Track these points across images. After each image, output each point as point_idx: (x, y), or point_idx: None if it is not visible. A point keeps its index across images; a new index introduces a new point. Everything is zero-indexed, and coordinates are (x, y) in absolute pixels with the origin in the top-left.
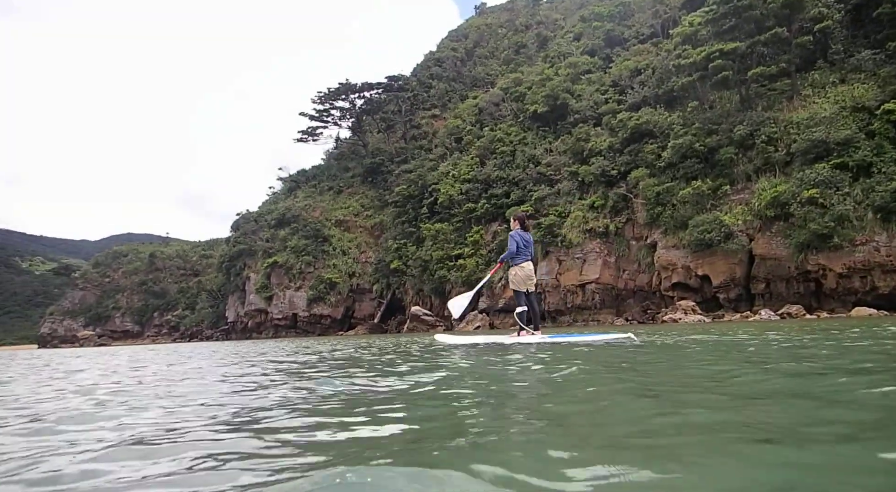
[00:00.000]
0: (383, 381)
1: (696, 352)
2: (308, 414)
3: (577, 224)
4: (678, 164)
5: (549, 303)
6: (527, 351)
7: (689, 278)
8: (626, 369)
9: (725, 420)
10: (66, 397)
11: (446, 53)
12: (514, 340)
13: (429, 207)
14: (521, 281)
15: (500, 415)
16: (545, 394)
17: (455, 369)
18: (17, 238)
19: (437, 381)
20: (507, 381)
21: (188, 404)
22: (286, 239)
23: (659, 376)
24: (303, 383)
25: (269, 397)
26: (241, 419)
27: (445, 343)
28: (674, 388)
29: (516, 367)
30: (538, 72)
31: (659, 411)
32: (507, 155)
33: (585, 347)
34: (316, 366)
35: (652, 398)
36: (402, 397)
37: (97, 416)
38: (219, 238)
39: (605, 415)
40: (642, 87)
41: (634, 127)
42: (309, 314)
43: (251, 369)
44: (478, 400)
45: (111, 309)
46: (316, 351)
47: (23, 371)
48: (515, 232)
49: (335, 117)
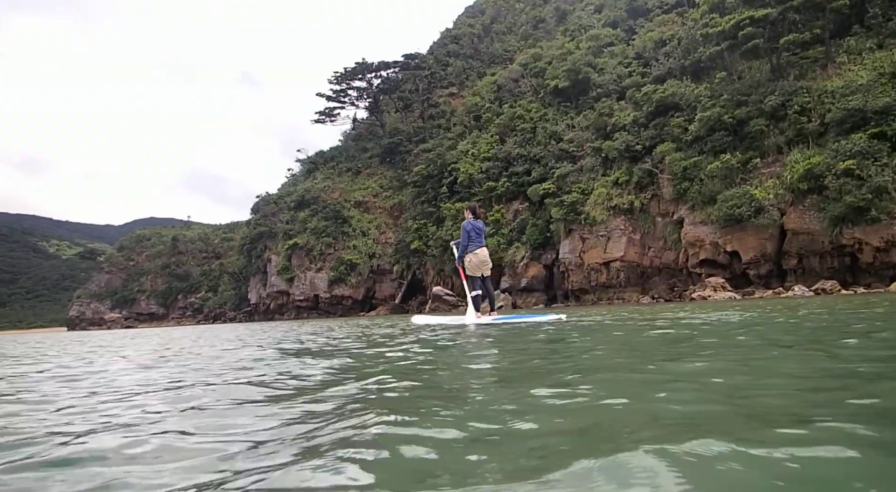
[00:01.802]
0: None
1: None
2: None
3: (601, 201)
4: (706, 137)
5: (572, 281)
6: (465, 332)
7: (717, 255)
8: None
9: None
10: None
11: (463, 30)
12: (472, 320)
13: (448, 186)
14: (476, 267)
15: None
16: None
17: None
18: (44, 223)
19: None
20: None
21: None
22: (306, 221)
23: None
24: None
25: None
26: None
27: (418, 324)
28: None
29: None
30: (558, 46)
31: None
32: (527, 132)
33: (511, 329)
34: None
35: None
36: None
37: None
38: (239, 221)
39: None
40: (667, 59)
41: (660, 100)
42: (330, 296)
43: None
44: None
45: (136, 292)
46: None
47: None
48: (467, 222)
49: (352, 97)
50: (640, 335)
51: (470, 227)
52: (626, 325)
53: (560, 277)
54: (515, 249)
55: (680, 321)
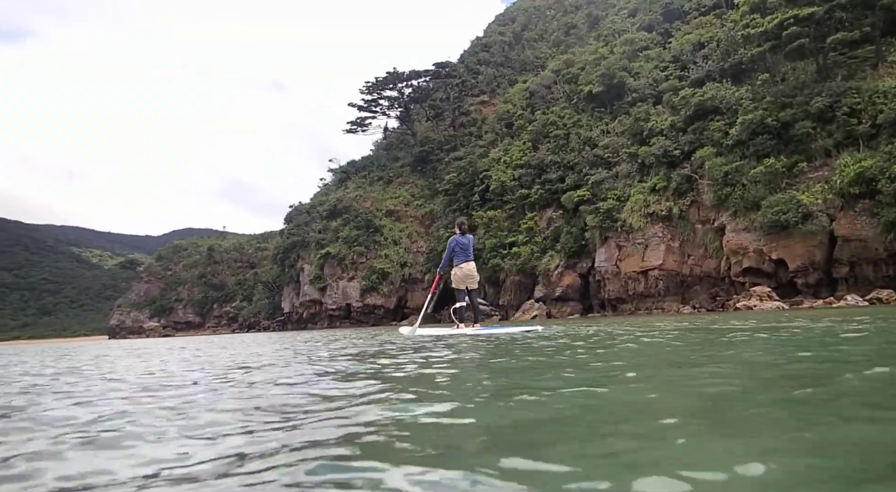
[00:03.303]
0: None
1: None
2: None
3: (638, 208)
4: (748, 141)
5: (608, 291)
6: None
7: (762, 263)
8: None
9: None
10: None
11: (494, 38)
12: (452, 331)
13: (480, 194)
14: (460, 280)
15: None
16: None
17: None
18: (87, 234)
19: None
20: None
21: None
22: (338, 230)
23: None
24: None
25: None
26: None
27: (404, 335)
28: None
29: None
30: (591, 51)
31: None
32: (560, 138)
33: (488, 341)
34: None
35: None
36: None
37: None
38: (273, 230)
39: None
40: (706, 62)
41: (698, 104)
42: (362, 305)
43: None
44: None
45: (174, 301)
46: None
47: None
48: (453, 238)
49: (383, 107)
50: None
51: (454, 243)
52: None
53: (596, 286)
54: (549, 258)
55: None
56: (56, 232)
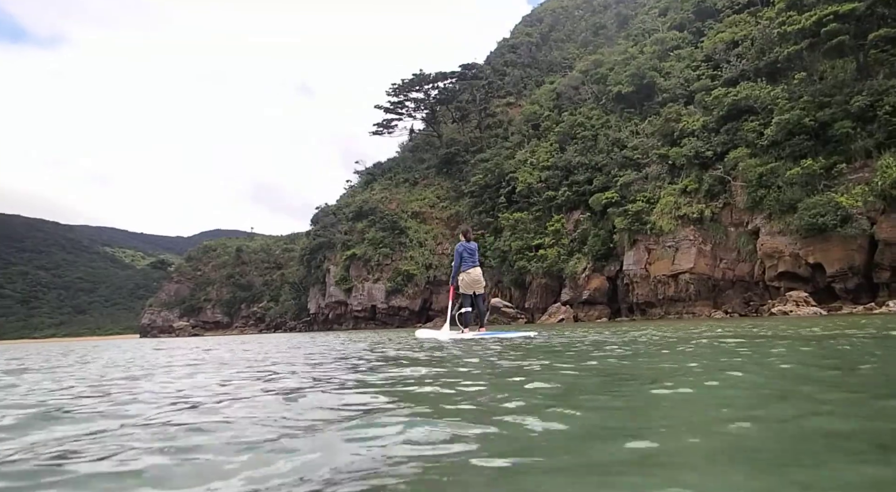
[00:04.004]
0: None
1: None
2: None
3: (668, 210)
4: (784, 141)
5: (637, 294)
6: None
7: (798, 267)
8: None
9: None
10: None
11: (521, 39)
12: (460, 335)
13: (506, 196)
14: (468, 285)
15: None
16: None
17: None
18: (120, 235)
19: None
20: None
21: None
22: (364, 231)
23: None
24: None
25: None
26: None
27: (419, 338)
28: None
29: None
30: (621, 51)
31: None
32: (588, 140)
33: (492, 344)
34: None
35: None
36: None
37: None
38: (299, 232)
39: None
40: (740, 61)
41: (732, 103)
42: (387, 306)
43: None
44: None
45: (203, 301)
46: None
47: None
48: (460, 245)
49: (409, 109)
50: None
51: (462, 248)
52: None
53: (624, 289)
54: (576, 261)
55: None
56: (91, 232)
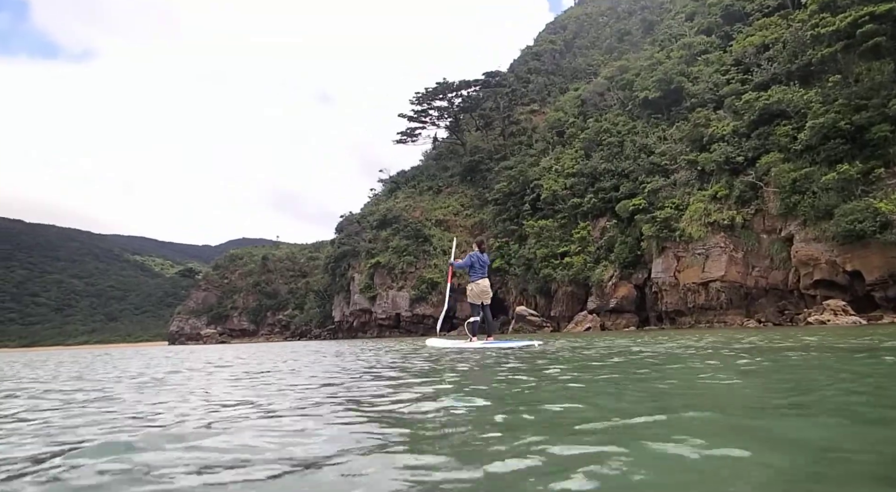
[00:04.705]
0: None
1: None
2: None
3: (698, 217)
4: (818, 146)
5: (666, 303)
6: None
7: (835, 275)
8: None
9: None
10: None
11: (544, 47)
12: (469, 345)
13: (531, 203)
14: (476, 295)
15: None
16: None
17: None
18: (150, 244)
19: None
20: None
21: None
22: (388, 239)
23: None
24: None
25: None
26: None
27: (430, 347)
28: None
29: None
30: (647, 57)
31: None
32: (614, 146)
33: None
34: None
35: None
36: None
37: None
38: (324, 240)
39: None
40: (771, 64)
41: (763, 108)
42: (412, 314)
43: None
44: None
45: (229, 308)
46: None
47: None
48: (474, 253)
49: (433, 117)
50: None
51: (476, 258)
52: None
53: (652, 297)
54: (603, 268)
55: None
56: (122, 242)
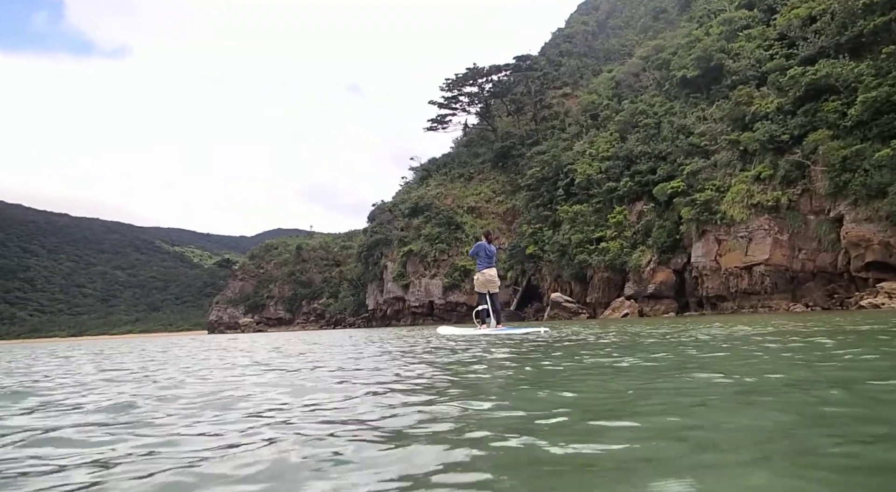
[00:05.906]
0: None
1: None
2: None
3: (740, 198)
4: (870, 121)
5: (707, 288)
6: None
7: (889, 256)
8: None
9: None
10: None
11: (576, 28)
12: (477, 332)
13: (564, 188)
14: (482, 284)
15: None
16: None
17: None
18: (189, 236)
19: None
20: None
21: None
22: (420, 227)
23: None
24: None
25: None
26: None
27: (442, 334)
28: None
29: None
30: (684, 34)
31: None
32: (651, 128)
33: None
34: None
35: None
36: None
37: None
38: (357, 229)
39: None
40: (818, 37)
41: (810, 83)
42: (445, 302)
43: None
44: None
45: (266, 298)
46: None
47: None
48: (481, 243)
49: (463, 103)
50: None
51: (482, 248)
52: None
53: (692, 282)
54: (640, 253)
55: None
56: (162, 234)
